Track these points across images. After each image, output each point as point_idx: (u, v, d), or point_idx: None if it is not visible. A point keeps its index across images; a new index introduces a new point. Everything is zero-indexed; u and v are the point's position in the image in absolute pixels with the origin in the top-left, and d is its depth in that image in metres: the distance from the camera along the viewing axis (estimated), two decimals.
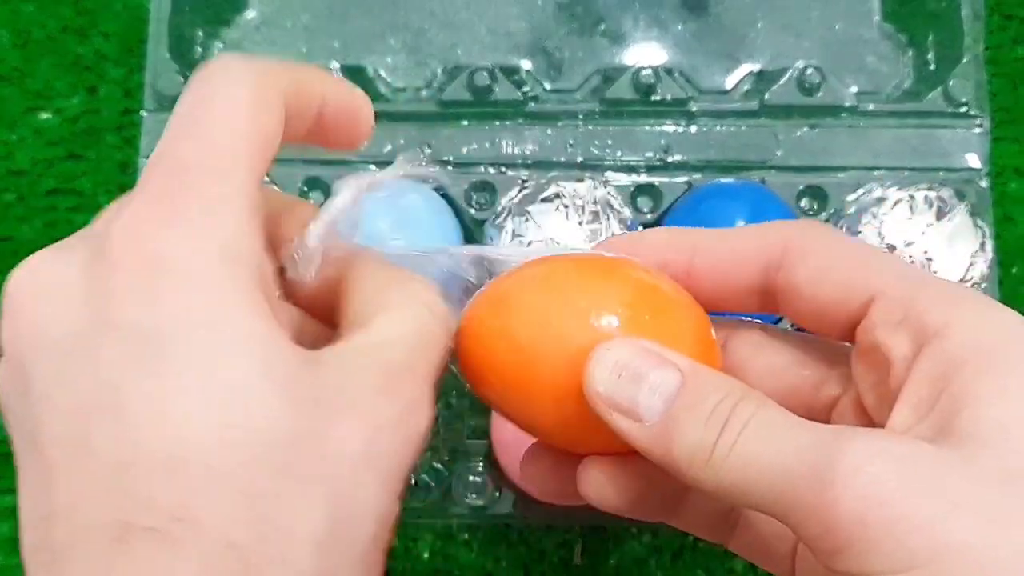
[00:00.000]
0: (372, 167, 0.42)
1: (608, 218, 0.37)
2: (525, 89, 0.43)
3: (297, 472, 0.18)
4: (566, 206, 0.37)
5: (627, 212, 0.39)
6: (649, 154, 0.43)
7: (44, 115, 0.47)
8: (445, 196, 0.42)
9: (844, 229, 0.40)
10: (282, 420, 0.18)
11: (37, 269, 0.20)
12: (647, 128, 0.43)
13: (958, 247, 0.38)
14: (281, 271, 0.23)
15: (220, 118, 0.20)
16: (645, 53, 0.45)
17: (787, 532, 0.21)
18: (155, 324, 0.18)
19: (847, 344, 0.23)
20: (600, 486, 0.23)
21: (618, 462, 0.23)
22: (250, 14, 0.45)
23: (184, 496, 0.17)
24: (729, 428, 0.19)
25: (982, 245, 0.38)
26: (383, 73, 0.45)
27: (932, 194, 0.38)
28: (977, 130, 0.43)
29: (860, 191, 0.41)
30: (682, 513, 0.25)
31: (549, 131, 0.43)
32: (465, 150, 0.43)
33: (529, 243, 0.37)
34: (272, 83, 0.21)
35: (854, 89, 0.43)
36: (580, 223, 0.37)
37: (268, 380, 0.18)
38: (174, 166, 0.20)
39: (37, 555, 0.18)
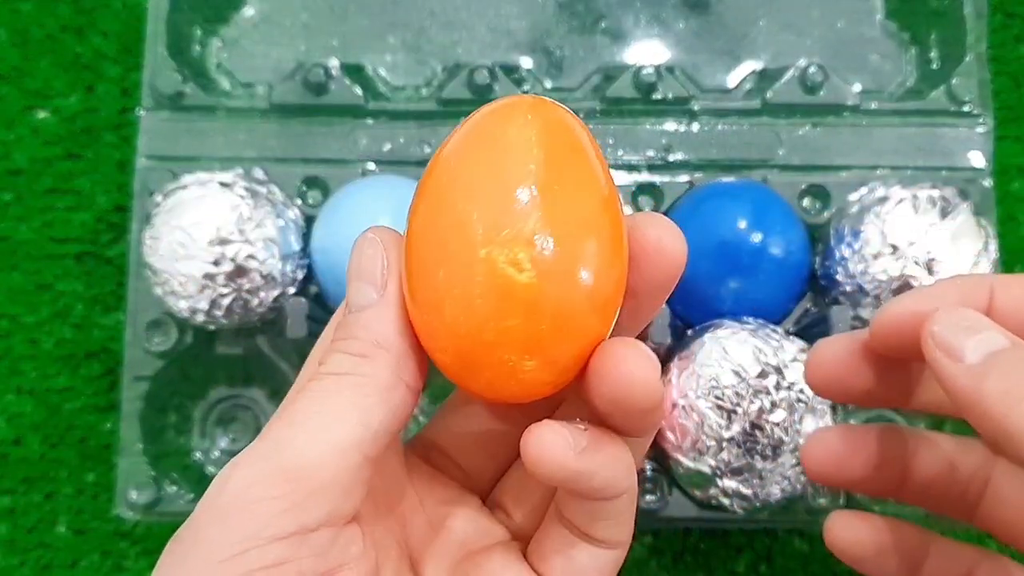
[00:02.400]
0: (371, 165, 0.42)
1: None
2: (525, 87, 0.43)
3: None
4: None
5: (628, 211, 0.39)
6: (650, 153, 0.43)
7: (42, 114, 0.47)
8: None
9: (846, 228, 0.39)
10: None
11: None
12: (648, 127, 0.43)
13: (961, 246, 0.38)
14: None
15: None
16: (646, 51, 0.45)
17: None
18: None
19: None
20: (830, 448, 0.28)
21: (845, 432, 0.28)
22: (248, 12, 0.45)
23: None
24: None
25: (985, 244, 0.38)
26: (382, 71, 0.45)
27: (935, 193, 0.38)
28: (980, 129, 0.42)
29: (863, 190, 0.41)
30: (911, 488, 0.28)
31: None
32: None
33: None
34: None
35: (857, 88, 0.43)
36: None
37: None
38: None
39: None
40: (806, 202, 0.42)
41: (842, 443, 0.28)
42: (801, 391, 0.35)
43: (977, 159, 0.42)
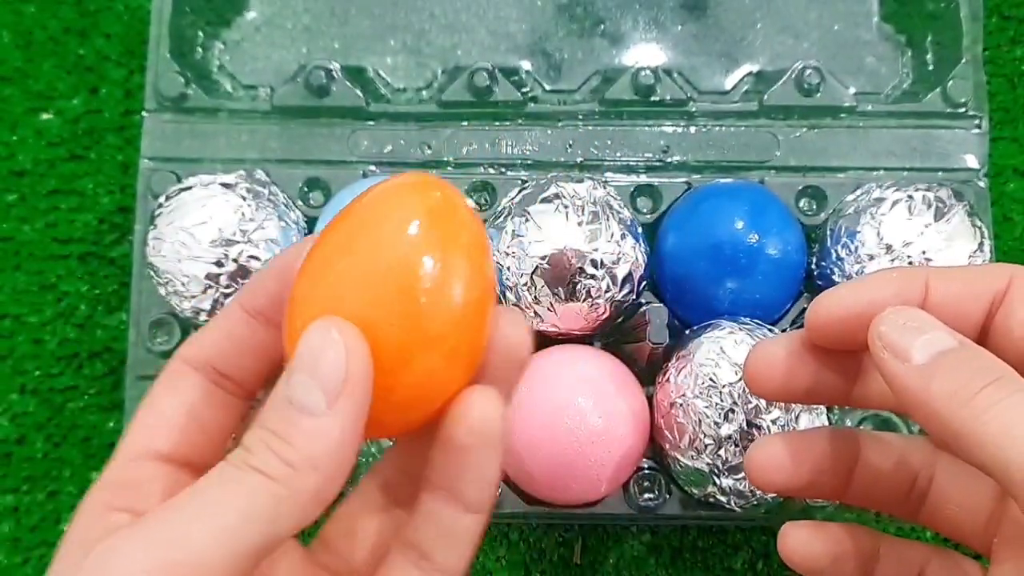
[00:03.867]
0: (373, 167, 0.43)
1: (608, 218, 0.38)
2: (525, 90, 0.43)
3: None
4: (566, 207, 0.37)
5: (626, 213, 0.39)
6: (648, 154, 0.43)
7: (46, 116, 0.47)
8: None
9: (842, 229, 0.40)
10: None
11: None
12: (646, 129, 0.43)
13: (957, 247, 0.38)
14: None
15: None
16: (644, 54, 0.45)
17: (983, 508, 0.25)
18: None
19: None
20: (773, 455, 0.27)
21: (789, 439, 0.28)
22: (251, 15, 0.46)
23: None
24: (998, 386, 0.21)
25: (980, 245, 0.38)
26: (383, 74, 0.45)
27: (931, 194, 0.38)
28: (976, 130, 0.43)
29: (859, 191, 0.41)
30: (856, 490, 0.28)
31: (549, 132, 0.43)
32: (465, 150, 0.43)
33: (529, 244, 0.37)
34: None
35: (853, 90, 0.43)
36: (580, 223, 0.37)
37: None
38: None
39: None
40: (803, 203, 0.42)
41: (786, 451, 0.28)
42: None
43: (972, 160, 0.43)
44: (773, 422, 0.35)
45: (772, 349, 0.27)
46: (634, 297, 0.39)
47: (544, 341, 0.40)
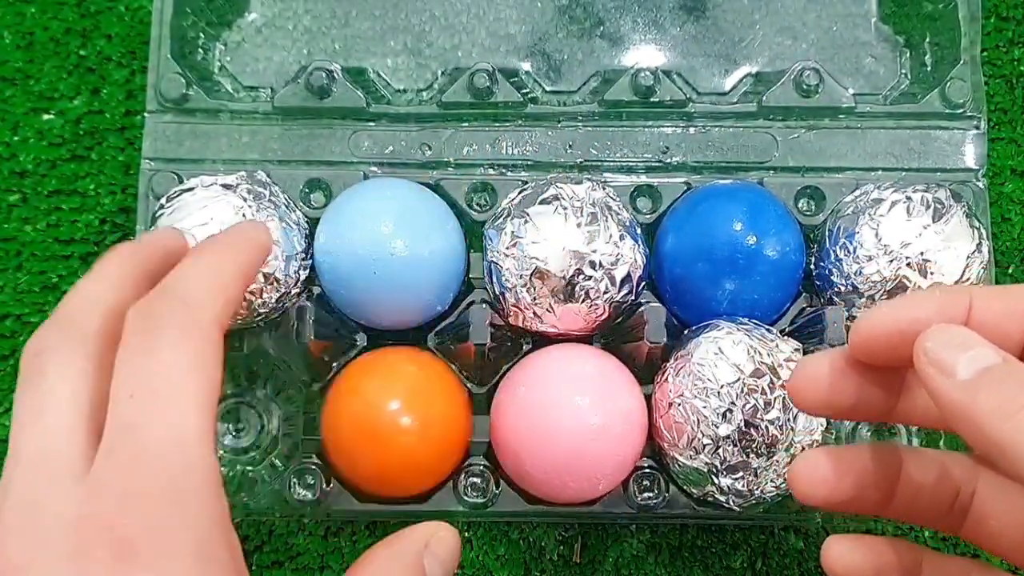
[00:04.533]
0: (374, 168, 0.43)
1: (606, 220, 0.38)
2: (525, 91, 0.44)
3: None
4: (564, 208, 0.38)
5: (625, 214, 0.39)
6: (648, 155, 0.43)
7: (47, 116, 0.47)
8: (445, 198, 0.42)
9: (841, 230, 0.40)
10: None
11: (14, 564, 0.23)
12: (646, 129, 0.43)
13: (955, 248, 0.38)
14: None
15: (173, 397, 0.25)
16: (644, 55, 0.45)
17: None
18: None
19: None
20: (816, 468, 0.28)
21: (833, 453, 0.28)
22: (251, 16, 0.46)
23: None
24: None
25: (979, 246, 0.38)
26: (384, 75, 0.45)
27: (929, 195, 0.39)
28: (974, 131, 0.43)
29: (857, 192, 0.41)
30: (898, 504, 0.28)
31: (549, 132, 0.43)
32: (465, 151, 0.43)
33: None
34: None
35: (852, 90, 0.43)
36: (578, 225, 0.37)
37: None
38: (133, 457, 0.24)
39: None
40: (802, 204, 0.42)
41: (830, 464, 0.28)
42: None
43: (971, 161, 0.43)
44: (771, 422, 0.35)
45: (816, 365, 0.27)
46: (633, 298, 0.39)
47: (543, 341, 0.41)
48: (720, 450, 0.36)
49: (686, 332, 0.40)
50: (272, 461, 0.43)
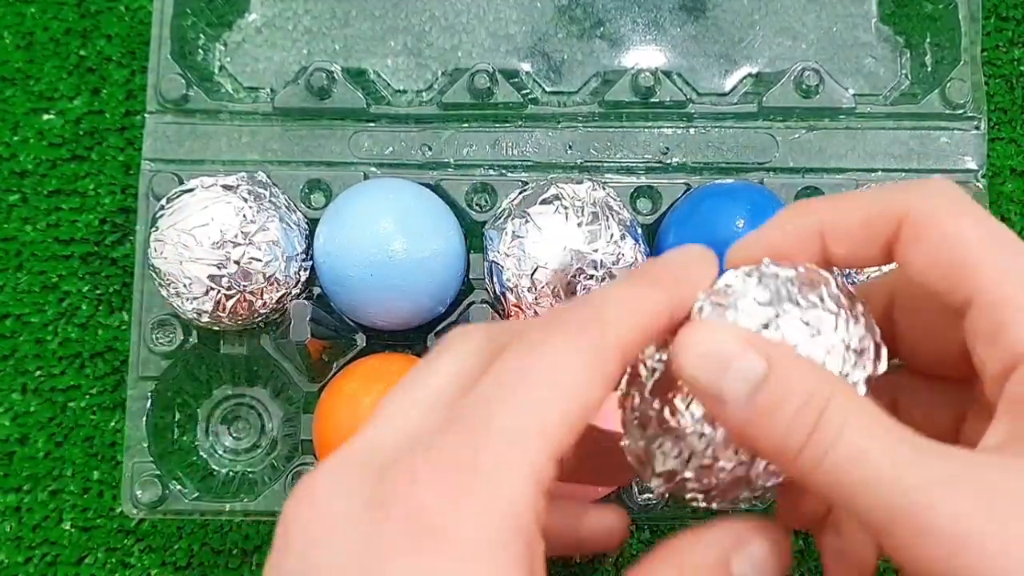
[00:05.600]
0: (374, 169, 0.43)
1: (607, 219, 0.38)
2: (525, 91, 0.44)
3: None
4: (565, 208, 0.38)
5: (626, 214, 0.39)
6: (648, 156, 0.43)
7: (47, 116, 0.47)
8: (445, 198, 0.42)
9: None
10: None
11: (318, 499, 0.19)
12: (646, 130, 0.43)
13: None
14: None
15: (540, 385, 0.19)
16: (644, 56, 0.45)
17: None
18: None
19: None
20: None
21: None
22: (252, 16, 0.46)
23: None
24: (823, 428, 0.19)
25: None
26: (384, 75, 0.45)
27: None
28: (974, 131, 0.43)
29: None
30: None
31: (549, 133, 0.43)
32: (465, 152, 0.43)
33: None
34: (610, 356, 0.20)
35: (852, 91, 0.43)
36: (579, 224, 0.37)
37: None
38: (476, 426, 0.19)
39: None
40: None
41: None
42: None
43: (971, 161, 0.43)
44: None
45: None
46: None
47: None
48: None
49: None
50: (272, 462, 0.43)
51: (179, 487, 0.41)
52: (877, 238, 0.22)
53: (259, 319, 0.40)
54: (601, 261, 0.37)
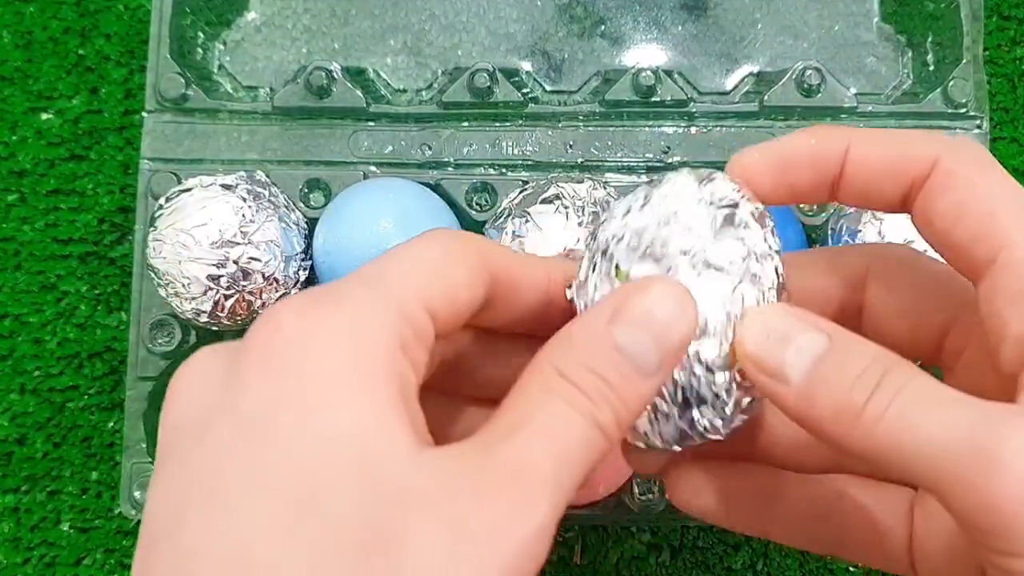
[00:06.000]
0: (373, 168, 0.43)
1: None
2: (525, 90, 0.43)
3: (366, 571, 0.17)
4: (566, 207, 0.37)
5: None
6: (649, 155, 0.43)
7: (46, 116, 0.47)
8: (445, 197, 0.42)
9: (843, 228, 0.40)
10: (355, 517, 0.17)
11: (194, 361, 0.20)
12: (647, 129, 0.43)
13: None
14: None
15: (408, 258, 0.21)
16: (645, 55, 0.45)
17: (897, 527, 0.22)
18: (263, 407, 0.18)
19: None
20: (696, 490, 0.24)
21: (712, 467, 0.24)
22: (251, 15, 0.46)
23: None
24: (881, 392, 0.19)
25: None
26: (384, 74, 0.45)
27: None
28: (976, 131, 0.43)
29: None
30: (777, 521, 0.25)
31: (549, 132, 0.43)
32: (465, 151, 0.43)
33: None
34: (476, 258, 0.21)
35: (853, 90, 0.43)
36: (580, 224, 0.37)
37: (355, 477, 0.17)
38: (340, 282, 0.20)
39: None
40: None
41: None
42: None
43: None
44: None
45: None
46: None
47: None
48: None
49: None
50: None
51: None
52: (902, 177, 0.22)
53: None
54: None
